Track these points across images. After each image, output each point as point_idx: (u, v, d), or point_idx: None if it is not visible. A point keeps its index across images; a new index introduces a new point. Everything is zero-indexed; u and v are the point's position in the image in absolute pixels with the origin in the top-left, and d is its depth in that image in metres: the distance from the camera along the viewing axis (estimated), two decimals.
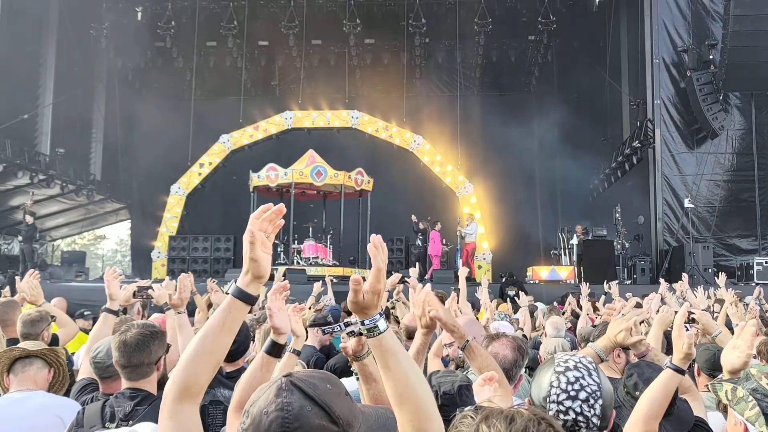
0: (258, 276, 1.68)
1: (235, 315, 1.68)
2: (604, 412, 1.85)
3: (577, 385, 1.86)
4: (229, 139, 22.09)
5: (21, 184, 20.13)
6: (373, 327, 1.62)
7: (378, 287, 1.63)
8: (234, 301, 1.68)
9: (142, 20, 23.09)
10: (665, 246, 17.37)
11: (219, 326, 1.66)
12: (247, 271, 1.68)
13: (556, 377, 1.89)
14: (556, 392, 1.87)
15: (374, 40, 24.29)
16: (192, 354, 1.64)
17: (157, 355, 2.96)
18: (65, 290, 11.41)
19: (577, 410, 1.83)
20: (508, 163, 22.72)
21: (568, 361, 1.94)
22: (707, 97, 16.99)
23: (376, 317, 1.63)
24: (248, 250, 1.66)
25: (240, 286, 1.68)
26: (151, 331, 2.97)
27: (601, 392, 1.87)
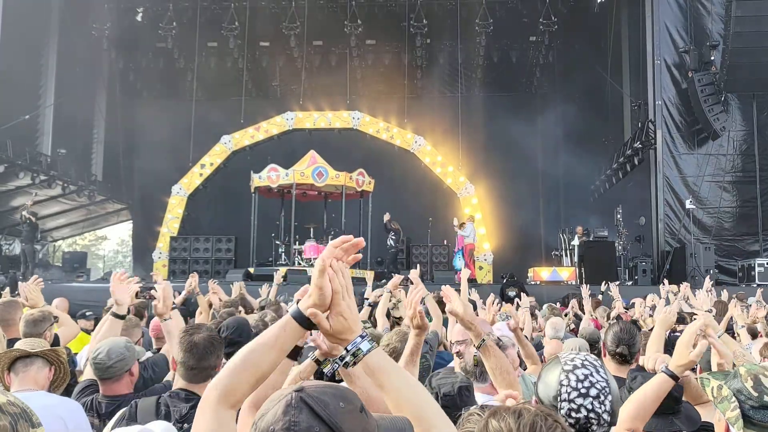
0: (320, 304, 1.62)
1: (289, 335, 1.65)
2: (613, 408, 1.87)
3: (587, 382, 1.87)
4: (230, 139, 22.10)
5: (22, 184, 20.14)
6: (357, 351, 1.61)
7: (338, 310, 1.60)
8: (291, 321, 1.65)
9: (143, 21, 23.12)
10: (666, 247, 17.35)
11: (271, 342, 1.64)
12: (309, 296, 1.64)
13: (566, 375, 1.90)
14: (567, 390, 1.88)
15: (375, 41, 24.29)
16: (238, 364, 1.62)
17: (219, 361, 2.95)
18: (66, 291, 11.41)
19: (589, 407, 1.85)
20: (510, 164, 22.71)
21: (574, 360, 1.95)
22: (708, 98, 16.98)
23: (357, 340, 1.61)
24: (316, 277, 1.61)
25: (301, 309, 1.65)
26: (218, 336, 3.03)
27: (610, 388, 1.89)
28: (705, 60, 17.36)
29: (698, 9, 17.92)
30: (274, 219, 19.63)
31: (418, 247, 20.63)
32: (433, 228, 20.76)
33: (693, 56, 17.37)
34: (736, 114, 17.97)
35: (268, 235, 19.31)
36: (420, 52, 23.40)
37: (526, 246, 21.95)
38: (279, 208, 19.76)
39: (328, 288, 1.61)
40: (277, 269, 17.22)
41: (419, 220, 21.13)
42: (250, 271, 17.37)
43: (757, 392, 2.07)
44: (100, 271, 28.18)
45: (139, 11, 22.99)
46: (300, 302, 1.66)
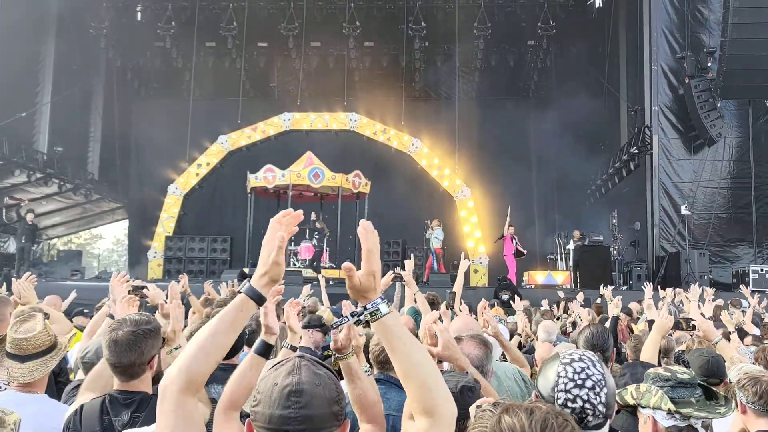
0: (276, 279, 1.70)
1: (246, 314, 1.71)
2: (609, 401, 1.94)
3: (583, 374, 1.94)
4: (227, 139, 22.09)
5: (18, 182, 20.11)
6: (375, 310, 1.66)
7: (371, 268, 1.66)
8: (247, 300, 1.70)
9: (141, 20, 23.09)
10: (661, 252, 17.39)
11: (229, 324, 1.68)
12: (264, 273, 1.71)
13: (563, 368, 1.97)
14: (563, 381, 1.95)
15: (373, 43, 24.31)
16: (199, 348, 1.65)
17: (150, 354, 2.85)
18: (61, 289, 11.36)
19: (585, 398, 1.91)
20: (506, 168, 22.72)
21: (573, 354, 2.03)
22: (705, 104, 17.03)
23: (377, 301, 1.67)
24: (275, 254, 1.68)
25: (255, 286, 1.70)
26: (144, 329, 2.85)
27: (606, 381, 1.95)
28: (701, 66, 17.40)
29: (695, 16, 17.97)
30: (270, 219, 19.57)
31: (414, 249, 20.63)
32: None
33: (690, 62, 17.42)
34: (731, 120, 18.03)
35: (263, 235, 19.12)
36: (418, 54, 23.42)
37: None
38: (275, 209, 19.69)
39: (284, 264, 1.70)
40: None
41: (415, 222, 21.13)
42: (245, 271, 17.33)
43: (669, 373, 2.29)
44: (95, 270, 28.16)
45: (137, 10, 22.96)
46: (252, 279, 1.72)
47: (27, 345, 3.11)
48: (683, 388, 2.27)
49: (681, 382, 2.27)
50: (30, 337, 3.10)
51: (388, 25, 23.18)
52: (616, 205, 19.03)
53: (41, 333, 3.15)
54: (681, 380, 2.27)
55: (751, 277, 15.61)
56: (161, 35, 22.45)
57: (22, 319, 3.24)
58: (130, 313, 3.19)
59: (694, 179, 17.76)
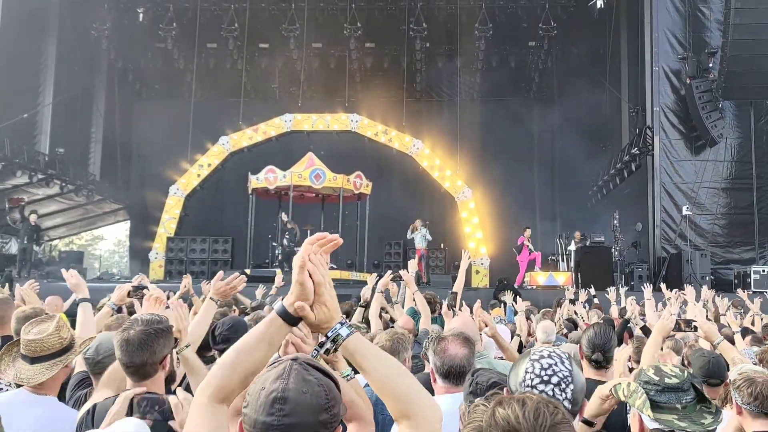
0: (303, 300, 1.68)
1: (276, 331, 1.70)
2: (575, 397, 1.97)
3: (550, 370, 1.99)
4: (228, 140, 22.10)
5: (20, 183, 20.12)
6: (336, 336, 1.68)
7: (322, 300, 1.66)
8: (276, 318, 1.70)
9: (143, 21, 23.09)
10: (663, 253, 17.38)
11: (258, 340, 1.69)
12: (291, 293, 1.70)
13: (531, 364, 2.02)
14: (530, 377, 1.99)
15: (375, 44, 24.32)
16: (228, 363, 1.67)
17: (162, 354, 2.86)
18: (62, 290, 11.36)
19: (550, 393, 1.95)
20: (507, 169, 22.72)
21: (543, 351, 2.07)
22: (706, 105, 17.02)
23: (336, 327, 1.68)
24: (296, 273, 1.66)
25: (284, 305, 1.70)
26: (156, 329, 2.86)
27: (573, 378, 1.99)
28: (703, 67, 17.39)
29: (697, 16, 17.97)
30: (271, 220, 19.63)
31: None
32: (429, 231, 20.74)
33: (691, 63, 17.41)
34: (733, 121, 18.03)
35: (264, 236, 19.31)
36: (419, 55, 23.42)
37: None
38: (276, 210, 19.76)
39: (308, 283, 1.66)
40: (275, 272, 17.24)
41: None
42: (247, 272, 17.34)
43: (658, 377, 2.30)
44: (96, 271, 28.17)
45: (139, 11, 22.95)
46: (284, 299, 1.71)
47: (35, 347, 3.10)
48: (671, 393, 2.27)
49: (668, 387, 2.27)
50: (39, 339, 3.10)
51: (389, 26, 23.19)
52: (618, 206, 19.02)
53: (51, 335, 3.13)
54: (668, 385, 2.27)
55: (753, 278, 15.61)
56: (163, 36, 22.48)
57: (38, 320, 3.24)
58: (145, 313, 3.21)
59: (695, 180, 17.75)
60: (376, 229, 19.83)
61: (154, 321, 2.89)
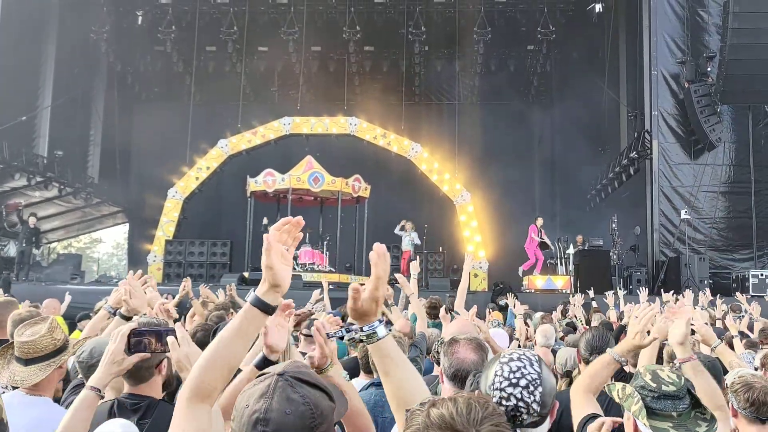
0: (275, 285, 1.67)
1: (251, 323, 1.68)
2: (544, 400, 1.98)
3: (518, 373, 2.00)
4: (227, 143, 22.10)
5: (18, 186, 20.12)
6: (372, 333, 1.69)
7: (376, 294, 1.67)
8: (251, 308, 1.68)
9: (142, 24, 23.13)
10: (661, 257, 17.39)
11: (233, 333, 1.67)
12: (264, 280, 1.69)
13: (500, 367, 2.03)
14: (499, 380, 2.00)
15: (374, 48, 24.35)
16: (205, 358, 1.66)
17: (158, 358, 2.85)
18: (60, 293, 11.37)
19: (518, 396, 1.96)
20: (506, 172, 22.71)
21: (512, 354, 2.09)
22: (704, 109, 17.05)
23: (375, 324, 1.69)
24: (264, 258, 1.66)
25: (257, 295, 1.68)
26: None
27: (542, 381, 2.00)
28: (701, 71, 17.42)
29: (696, 21, 18.01)
30: (270, 223, 19.62)
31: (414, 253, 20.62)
32: (428, 235, 20.76)
33: (689, 67, 17.45)
34: (732, 125, 18.05)
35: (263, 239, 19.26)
36: (418, 59, 23.46)
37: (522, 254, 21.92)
38: (275, 213, 19.75)
39: (279, 268, 1.67)
40: None
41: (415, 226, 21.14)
42: (245, 275, 17.35)
43: (655, 383, 2.29)
44: (95, 274, 28.15)
45: (138, 15, 23.00)
46: (257, 288, 1.70)
47: (28, 348, 3.11)
48: (667, 400, 2.27)
49: (665, 394, 2.28)
50: (31, 340, 3.11)
51: (388, 30, 23.22)
52: (616, 210, 19.02)
53: (44, 337, 3.14)
54: (665, 392, 2.28)
55: (751, 282, 15.62)
56: (162, 39, 22.51)
57: (31, 322, 3.24)
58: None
59: (694, 184, 17.77)
60: (375, 233, 19.80)
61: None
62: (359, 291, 1.66)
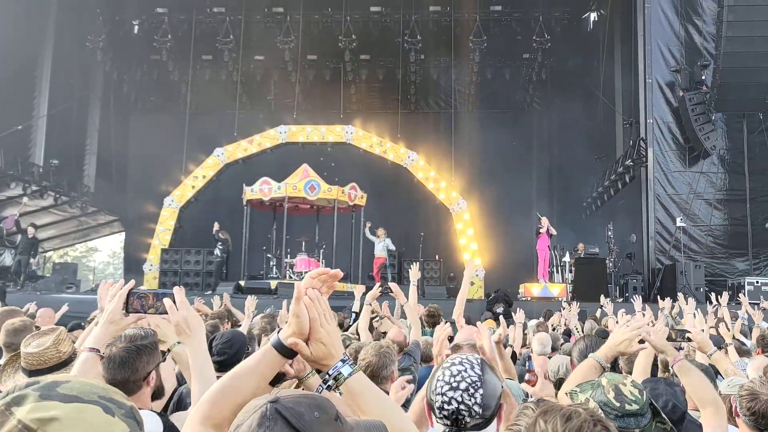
0: (298, 333, 1.65)
1: (269, 363, 1.67)
2: (486, 402, 2.01)
3: (459, 377, 2.03)
4: (223, 152, 22.10)
5: (14, 194, 20.08)
6: (338, 375, 1.66)
7: (318, 336, 1.64)
8: (271, 350, 1.67)
9: (138, 33, 23.17)
10: (657, 265, 17.41)
11: (249, 370, 1.66)
12: (289, 325, 1.67)
13: (442, 372, 2.07)
14: (440, 384, 2.04)
15: (370, 56, 24.39)
16: (219, 389, 1.64)
17: (146, 371, 2.84)
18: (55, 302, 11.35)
19: (459, 399, 1.99)
20: (502, 180, 22.75)
21: (455, 359, 2.12)
22: (699, 117, 17.11)
23: (338, 365, 1.66)
24: (292, 306, 1.65)
25: (281, 338, 1.67)
26: (139, 345, 2.83)
27: (482, 383, 2.03)
28: (696, 79, 17.50)
29: (690, 29, 18.09)
30: (266, 232, 19.62)
31: (410, 262, 20.62)
32: (424, 243, 20.78)
33: (684, 75, 17.52)
34: (726, 133, 18.12)
35: (259, 248, 19.29)
36: (414, 67, 23.52)
37: (518, 262, 21.96)
38: (271, 222, 19.75)
39: (305, 315, 1.64)
40: (268, 282, 17.22)
41: (411, 235, 21.16)
42: (241, 284, 17.33)
43: (618, 402, 2.23)
44: (90, 283, 28.07)
45: (134, 24, 23.04)
46: (281, 332, 1.68)
47: (33, 360, 3.12)
48: (630, 418, 2.24)
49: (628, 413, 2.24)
50: (37, 352, 3.12)
51: (384, 39, 23.28)
52: (612, 218, 19.06)
53: (48, 349, 3.15)
54: (628, 411, 2.23)
55: (746, 290, 15.61)
56: (158, 48, 22.53)
57: (39, 334, 3.26)
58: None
59: (689, 192, 17.81)
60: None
61: (137, 337, 2.86)
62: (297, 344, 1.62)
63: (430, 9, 22.87)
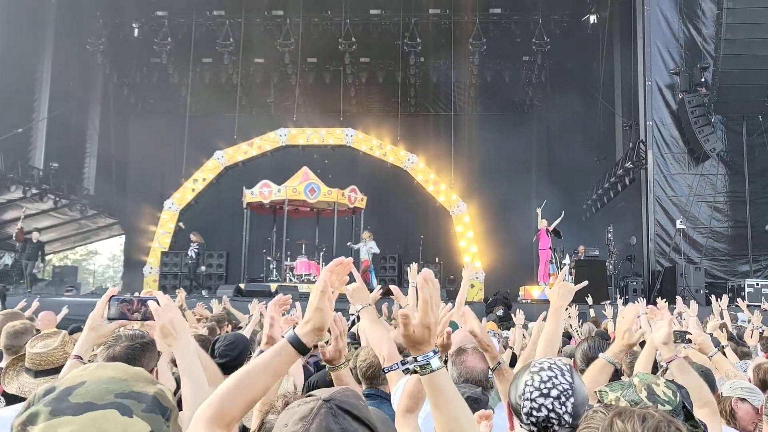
0: (319, 328, 1.62)
1: (284, 359, 1.63)
2: (576, 411, 1.92)
3: (549, 383, 1.94)
4: (223, 155, 22.11)
5: (14, 198, 20.09)
6: (426, 364, 1.59)
7: (427, 320, 1.58)
8: (287, 346, 1.63)
9: (138, 36, 23.19)
10: (657, 267, 17.40)
11: (264, 366, 1.63)
12: (308, 320, 1.63)
13: (531, 376, 1.97)
14: (529, 390, 1.95)
15: (369, 59, 24.41)
16: (231, 386, 1.60)
17: (149, 368, 2.83)
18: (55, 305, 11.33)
19: (549, 407, 1.91)
20: (502, 183, 22.76)
21: (543, 363, 2.02)
22: (699, 119, 17.12)
23: (429, 354, 1.60)
24: (316, 299, 1.61)
25: (297, 334, 1.63)
26: (141, 343, 2.84)
27: (573, 391, 1.94)
28: (695, 81, 17.51)
29: (690, 31, 18.10)
30: (266, 235, 19.63)
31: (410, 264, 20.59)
32: (424, 245, 20.78)
33: (683, 78, 17.53)
34: (726, 135, 18.12)
35: (259, 250, 19.29)
36: (414, 70, 23.54)
37: (518, 264, 21.95)
38: (271, 224, 19.76)
39: (327, 309, 1.61)
40: (268, 285, 17.22)
41: (411, 237, 21.17)
42: (241, 286, 17.33)
43: (651, 402, 2.18)
44: (90, 286, 28.05)
45: (134, 26, 23.06)
46: (297, 327, 1.64)
47: (40, 360, 3.15)
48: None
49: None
50: (44, 353, 3.15)
51: (383, 41, 23.30)
52: (612, 220, 19.05)
53: (56, 350, 3.18)
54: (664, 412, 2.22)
55: (746, 292, 15.61)
56: (158, 51, 22.57)
57: (44, 335, 3.29)
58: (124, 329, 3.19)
59: (689, 194, 17.80)
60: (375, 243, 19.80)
61: (138, 336, 2.87)
62: (409, 317, 1.57)
63: (430, 12, 22.89)
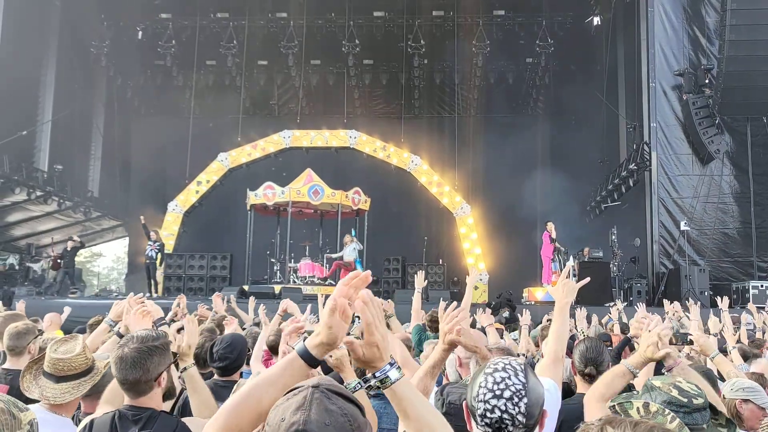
0: (329, 343, 1.62)
1: (294, 373, 1.62)
2: (530, 411, 1.92)
3: (502, 384, 1.94)
4: (227, 157, 22.14)
5: (18, 200, 20.14)
6: (385, 378, 1.64)
7: (373, 340, 1.61)
8: (297, 359, 1.63)
9: (142, 39, 23.25)
10: (661, 269, 17.36)
11: (271, 381, 1.62)
12: (318, 334, 1.63)
13: (485, 378, 1.97)
14: (483, 392, 1.94)
15: (373, 61, 24.45)
16: (240, 399, 1.60)
17: (158, 371, 2.83)
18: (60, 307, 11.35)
19: (502, 408, 1.91)
20: (506, 184, 22.73)
21: (497, 364, 2.02)
22: (703, 120, 17.08)
23: (386, 368, 1.64)
24: (326, 316, 1.61)
25: (307, 347, 1.63)
26: (150, 346, 2.83)
27: (527, 391, 1.94)
28: (699, 83, 17.49)
29: (693, 32, 18.07)
30: (270, 237, 19.63)
31: (414, 266, 20.60)
32: (428, 247, 20.76)
33: (687, 79, 17.50)
34: (730, 137, 18.07)
35: (263, 252, 19.30)
36: (417, 72, 23.53)
37: (522, 266, 21.93)
38: (275, 226, 19.77)
39: (338, 327, 1.60)
40: (272, 287, 17.22)
41: (415, 239, 21.15)
42: (245, 288, 17.33)
43: (685, 398, 2.18)
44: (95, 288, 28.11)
45: (138, 29, 23.13)
46: (307, 340, 1.64)
47: (63, 366, 3.14)
48: (698, 413, 2.18)
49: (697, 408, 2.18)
50: (67, 358, 3.14)
51: (387, 43, 23.32)
52: (616, 222, 19.03)
53: (78, 355, 3.18)
54: (697, 406, 2.17)
55: (751, 293, 15.56)
56: (162, 54, 22.62)
57: (63, 340, 3.28)
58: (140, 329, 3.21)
59: (693, 195, 17.76)
60: (375, 245, 19.82)
61: (149, 338, 2.86)
62: (353, 343, 1.61)
63: (433, 14, 22.91)
